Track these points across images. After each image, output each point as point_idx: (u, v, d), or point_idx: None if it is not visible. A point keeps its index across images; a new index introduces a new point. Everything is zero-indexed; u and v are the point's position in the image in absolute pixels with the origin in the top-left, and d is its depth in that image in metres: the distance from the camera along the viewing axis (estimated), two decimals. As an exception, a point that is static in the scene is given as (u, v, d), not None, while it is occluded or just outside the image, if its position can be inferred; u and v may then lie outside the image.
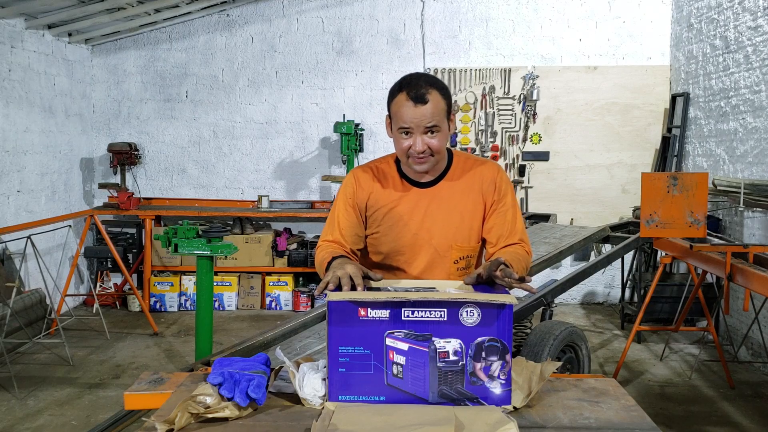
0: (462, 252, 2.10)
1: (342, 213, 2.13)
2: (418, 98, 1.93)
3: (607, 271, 6.54)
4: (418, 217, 2.08)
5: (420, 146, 1.96)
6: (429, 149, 1.97)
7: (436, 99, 1.94)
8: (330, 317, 1.62)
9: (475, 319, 1.59)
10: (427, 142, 1.96)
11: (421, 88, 1.94)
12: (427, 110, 1.93)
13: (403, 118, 1.95)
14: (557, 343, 3.58)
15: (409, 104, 1.94)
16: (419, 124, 1.94)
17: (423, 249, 2.08)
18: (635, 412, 1.65)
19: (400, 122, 1.97)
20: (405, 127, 1.96)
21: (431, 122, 1.94)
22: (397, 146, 2.02)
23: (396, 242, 2.10)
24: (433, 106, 1.93)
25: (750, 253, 3.78)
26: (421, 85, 1.95)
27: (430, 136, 1.96)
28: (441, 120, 1.96)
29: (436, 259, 2.09)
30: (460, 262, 2.10)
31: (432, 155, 1.99)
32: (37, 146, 5.79)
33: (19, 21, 5.46)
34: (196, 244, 4.05)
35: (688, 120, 6.23)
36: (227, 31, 6.75)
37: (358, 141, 6.39)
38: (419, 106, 1.93)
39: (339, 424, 1.49)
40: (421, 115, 1.93)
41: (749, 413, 4.06)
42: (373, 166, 2.17)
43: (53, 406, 4.10)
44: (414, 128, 1.95)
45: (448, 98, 2.00)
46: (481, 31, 6.67)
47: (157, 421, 1.51)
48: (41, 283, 5.30)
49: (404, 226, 2.08)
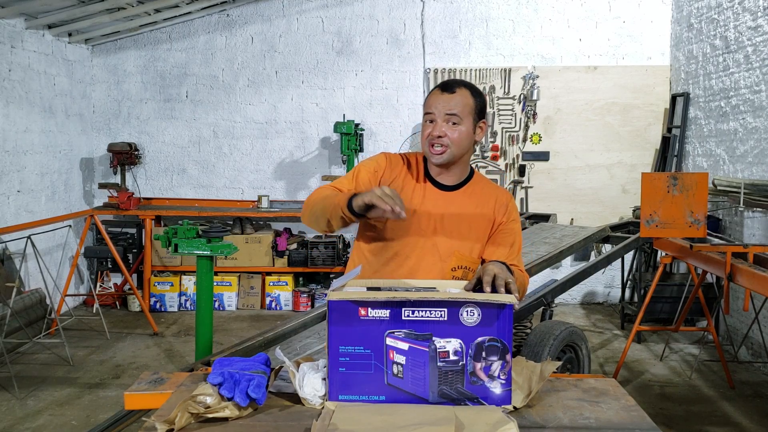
0: (461, 261, 2.10)
1: (365, 177, 2.10)
2: (446, 87, 2.05)
3: (607, 271, 6.54)
4: (429, 214, 2.09)
5: (438, 131, 2.02)
6: (447, 137, 2.02)
7: (464, 93, 2.04)
8: (330, 317, 1.62)
9: (475, 319, 1.59)
10: (446, 130, 2.02)
11: (454, 83, 2.06)
12: (451, 98, 2.02)
13: (429, 103, 2.06)
14: (557, 343, 3.58)
15: (437, 92, 2.06)
16: (441, 109, 2.02)
17: (425, 247, 2.08)
18: (635, 412, 1.65)
19: (426, 108, 2.07)
20: (429, 113, 2.05)
21: (452, 110, 2.01)
22: (422, 136, 2.09)
23: (401, 233, 2.09)
24: (458, 97, 2.02)
25: (750, 253, 3.78)
26: (455, 81, 2.08)
27: (450, 126, 2.02)
28: (464, 113, 2.02)
29: (436, 260, 2.08)
30: (458, 271, 2.10)
31: (448, 146, 2.02)
32: (37, 146, 5.79)
33: (19, 21, 5.46)
34: (196, 244, 4.04)
35: (688, 120, 6.23)
36: (227, 31, 6.75)
37: (358, 141, 6.39)
38: (445, 94, 2.03)
39: (339, 424, 1.49)
40: (445, 102, 2.02)
41: (749, 413, 4.06)
42: (404, 155, 2.22)
43: (53, 406, 4.10)
44: (436, 114, 2.03)
45: (479, 99, 2.07)
46: (481, 31, 6.67)
47: (157, 421, 1.51)
48: (41, 283, 5.30)
49: (416, 221, 2.08)
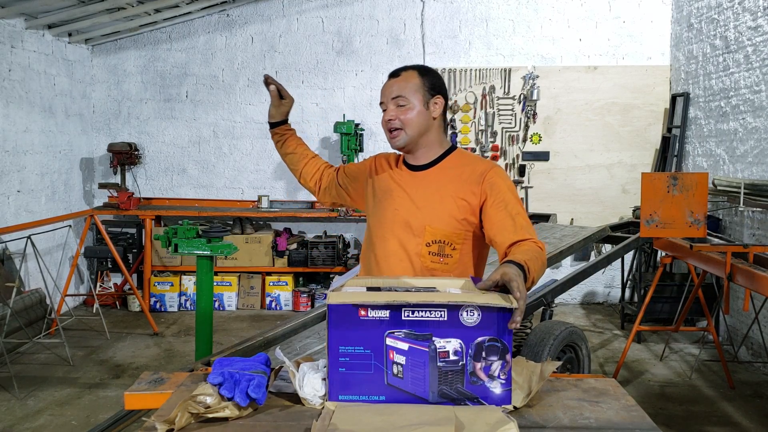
0: (435, 235, 2.06)
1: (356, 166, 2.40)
2: (393, 74, 2.12)
3: (607, 271, 6.54)
4: (402, 194, 2.16)
5: (388, 115, 2.10)
6: (398, 120, 2.08)
7: (409, 74, 2.10)
8: (330, 317, 1.62)
9: (475, 319, 1.59)
10: (395, 113, 2.08)
11: (402, 68, 2.13)
12: (395, 83, 2.09)
13: (381, 92, 2.14)
14: (557, 343, 3.58)
15: (387, 80, 2.14)
16: (388, 94, 2.10)
17: (398, 225, 2.13)
18: (635, 412, 1.65)
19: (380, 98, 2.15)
20: (381, 102, 2.13)
21: (397, 92, 2.08)
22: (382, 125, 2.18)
23: (379, 215, 2.20)
24: (403, 79, 2.09)
25: (750, 253, 3.78)
26: (403, 66, 2.15)
27: (399, 109, 2.08)
28: (410, 93, 2.08)
29: (410, 237, 2.10)
30: (432, 246, 2.07)
31: (402, 129, 2.09)
32: (37, 146, 5.79)
33: (19, 21, 5.46)
34: (196, 244, 4.05)
35: (688, 120, 6.23)
36: (227, 31, 6.75)
37: (358, 141, 6.40)
38: (391, 80, 2.12)
39: (339, 424, 1.49)
40: (390, 88, 2.10)
41: (749, 413, 4.06)
42: (392, 153, 2.34)
43: (53, 406, 4.10)
44: (385, 101, 2.11)
45: (427, 77, 2.12)
46: (481, 31, 6.67)
47: (157, 421, 1.51)
48: (41, 283, 5.31)
49: (390, 203, 2.18)
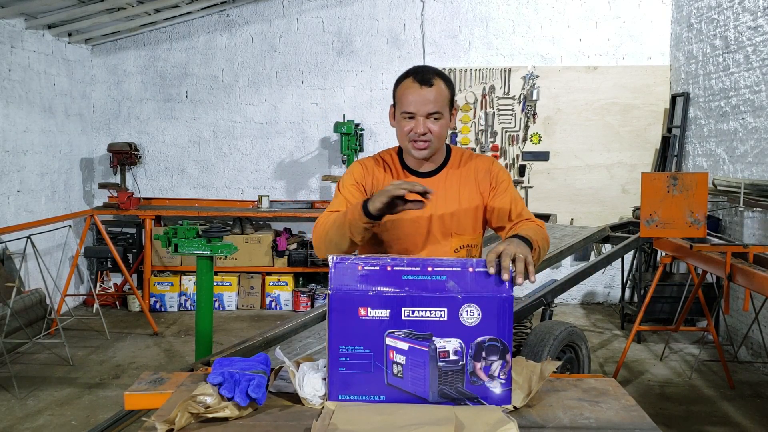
0: (462, 241, 2.11)
1: (350, 191, 2.13)
2: (424, 81, 2.00)
3: (607, 271, 6.54)
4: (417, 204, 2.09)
5: (422, 128, 2.00)
6: (430, 133, 2.02)
7: (441, 86, 2.02)
8: (330, 316, 1.62)
9: (475, 319, 1.59)
10: (429, 127, 2.01)
11: (428, 74, 2.02)
12: (431, 94, 1.99)
13: (408, 99, 2.01)
14: (557, 343, 3.57)
15: (414, 86, 2.00)
16: (422, 107, 1.99)
17: (422, 236, 2.10)
18: (635, 412, 1.65)
19: (404, 106, 2.02)
20: (409, 112, 2.01)
21: (434, 107, 2.00)
22: (399, 131, 2.06)
23: (396, 230, 2.11)
24: (437, 91, 2.00)
25: (750, 253, 3.78)
26: (428, 71, 2.04)
27: (432, 122, 2.01)
28: (443, 107, 2.02)
29: (437, 246, 2.10)
30: (461, 252, 2.12)
31: (431, 141, 2.03)
32: (37, 146, 5.79)
33: (19, 21, 5.46)
34: (196, 244, 4.04)
35: (688, 120, 6.23)
36: (227, 31, 6.75)
37: (358, 141, 6.40)
38: (424, 88, 1.99)
39: (339, 424, 1.49)
40: (425, 98, 1.99)
41: (749, 413, 4.06)
42: (377, 156, 2.22)
43: (53, 406, 4.10)
44: (417, 112, 2.00)
45: (452, 90, 2.07)
46: (481, 31, 6.67)
47: (157, 421, 1.51)
48: (41, 283, 5.30)
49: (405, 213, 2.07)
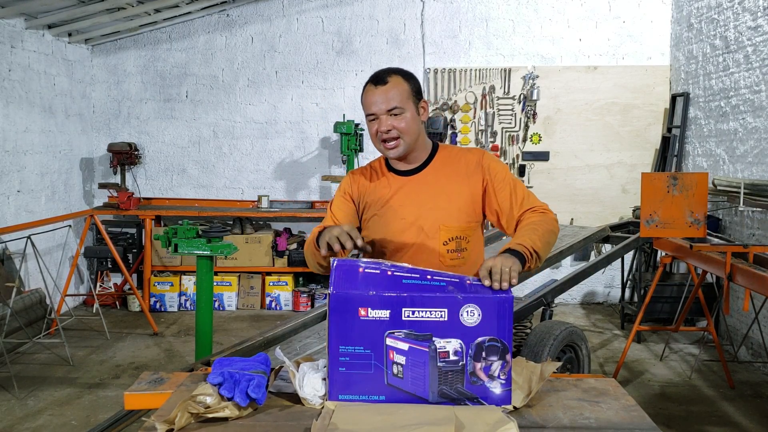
0: (450, 233, 2.11)
1: (338, 204, 2.22)
2: (378, 81, 2.04)
3: (607, 271, 6.54)
4: (405, 202, 2.13)
5: (384, 125, 2.04)
6: (395, 129, 2.04)
7: (397, 81, 2.05)
8: (330, 317, 1.62)
9: (475, 319, 1.59)
10: (392, 123, 2.04)
11: (383, 73, 2.07)
12: (387, 90, 2.03)
13: (368, 102, 2.06)
14: (557, 343, 3.57)
15: (371, 88, 2.06)
16: (381, 105, 2.03)
17: (411, 232, 2.12)
18: (635, 412, 1.65)
19: (366, 109, 2.07)
20: (371, 113, 2.06)
21: (392, 103, 2.03)
22: (371, 135, 2.11)
23: (385, 228, 2.14)
24: (392, 86, 2.03)
25: (750, 253, 3.78)
26: (383, 71, 2.08)
27: (394, 117, 2.04)
28: (404, 101, 2.04)
29: (425, 241, 2.11)
30: (450, 244, 2.12)
31: (400, 137, 2.06)
32: (37, 146, 5.79)
33: (19, 21, 5.46)
34: (196, 244, 4.05)
35: (688, 120, 6.23)
36: (227, 31, 6.75)
37: (358, 141, 6.39)
38: (379, 87, 2.04)
39: (339, 424, 1.49)
40: (382, 96, 2.03)
41: (749, 413, 4.06)
42: (367, 165, 2.28)
43: (53, 406, 4.10)
44: (377, 111, 2.04)
45: (413, 83, 2.09)
46: (481, 31, 6.67)
47: (157, 421, 1.51)
48: (41, 283, 5.30)
49: (393, 213, 2.14)
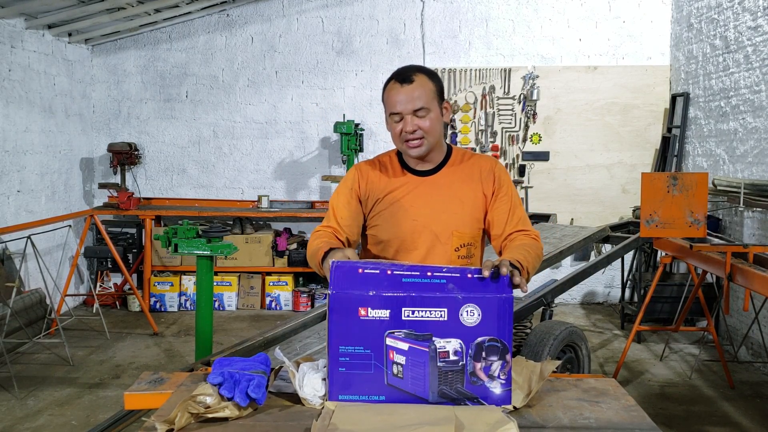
0: (462, 239, 2.10)
1: (343, 202, 2.16)
2: (405, 79, 2.01)
3: (607, 271, 6.54)
4: (417, 203, 2.09)
5: (410, 126, 2.01)
6: (420, 130, 2.01)
7: (423, 80, 2.02)
8: (330, 317, 1.62)
9: (475, 319, 1.59)
10: (417, 123, 2.01)
11: (408, 71, 2.04)
12: (413, 90, 2.00)
13: (392, 101, 2.02)
14: (557, 343, 3.57)
15: (396, 86, 2.02)
16: (407, 105, 2.00)
17: (423, 235, 2.09)
18: (635, 412, 1.65)
19: (390, 108, 2.04)
20: (395, 112, 2.02)
21: (419, 103, 2.00)
22: (392, 134, 2.08)
23: (396, 228, 2.10)
24: (419, 86, 2.00)
25: (750, 253, 3.77)
26: (408, 69, 2.06)
27: (420, 118, 2.01)
28: (429, 101, 2.02)
29: (437, 245, 2.09)
30: (461, 250, 2.11)
31: (424, 137, 2.03)
32: (37, 146, 5.79)
33: (19, 21, 5.46)
34: (196, 244, 4.05)
35: (688, 120, 6.23)
36: (227, 31, 6.75)
37: (358, 141, 6.39)
38: (405, 86, 2.00)
39: (339, 424, 1.49)
40: (408, 96, 2.00)
41: (749, 413, 4.06)
42: (375, 159, 2.23)
43: (53, 406, 4.10)
44: (403, 110, 2.01)
45: (437, 82, 2.07)
46: (481, 31, 6.67)
47: (157, 421, 1.51)
48: (41, 283, 5.30)
49: (404, 213, 2.10)
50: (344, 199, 2.15)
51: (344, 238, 2.11)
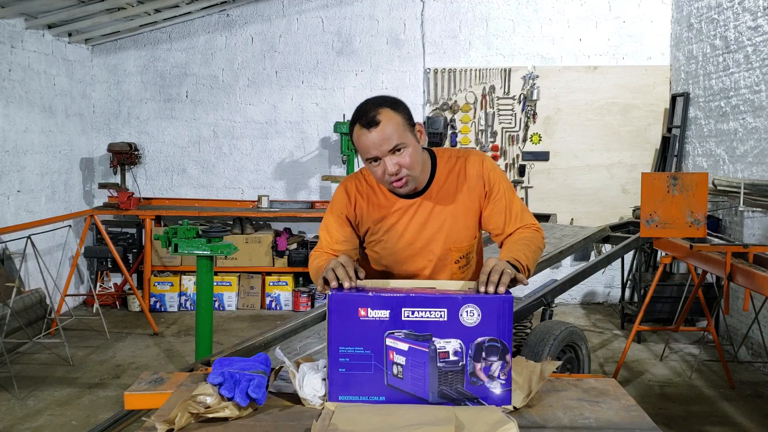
0: (461, 252, 2.12)
1: (335, 227, 2.10)
2: (370, 123, 1.88)
3: (607, 271, 6.54)
4: (412, 227, 2.07)
5: (391, 168, 1.90)
6: (402, 168, 1.92)
7: (389, 115, 1.89)
8: (330, 317, 1.62)
9: (475, 320, 1.59)
10: (397, 162, 1.91)
11: (370, 111, 1.89)
12: (382, 130, 1.87)
13: (364, 147, 1.90)
14: (557, 343, 3.57)
15: (363, 132, 1.89)
16: (381, 147, 1.88)
17: (422, 257, 2.10)
18: (635, 412, 1.65)
19: (365, 154, 1.92)
20: (370, 157, 1.91)
21: (393, 142, 1.88)
22: (375, 177, 1.98)
23: (395, 255, 2.10)
24: (386, 123, 1.88)
25: (750, 253, 3.77)
26: (369, 108, 1.90)
27: (399, 155, 1.91)
28: (402, 135, 1.90)
29: (438, 264, 2.10)
30: (461, 261, 2.14)
31: (408, 174, 1.94)
32: (37, 146, 5.79)
33: (19, 21, 5.46)
34: (196, 244, 4.05)
35: (688, 120, 6.23)
36: (227, 31, 6.75)
37: (358, 141, 6.39)
38: (373, 130, 1.87)
39: (339, 424, 1.49)
40: (380, 138, 1.87)
41: (749, 413, 4.06)
42: (361, 177, 2.13)
43: (53, 406, 4.10)
44: (379, 154, 1.90)
45: (403, 111, 1.94)
46: (481, 31, 6.67)
47: (157, 421, 1.51)
48: (41, 283, 5.30)
49: (399, 239, 2.08)
50: (335, 224, 2.10)
51: None
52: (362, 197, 2.10)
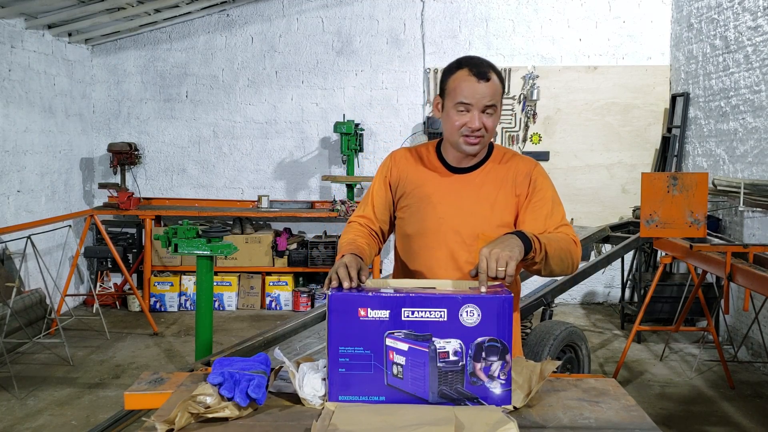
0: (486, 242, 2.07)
1: (377, 189, 2.16)
2: (482, 75, 1.94)
3: (607, 271, 6.54)
4: (446, 200, 2.06)
5: (477, 123, 1.95)
6: (484, 129, 1.97)
7: (496, 80, 1.97)
8: (330, 317, 1.62)
9: (475, 320, 1.59)
10: (484, 121, 1.96)
11: (484, 66, 1.97)
12: (488, 88, 1.94)
13: (465, 92, 1.95)
14: (557, 343, 3.58)
15: (472, 80, 1.94)
16: (480, 100, 1.94)
17: (447, 234, 2.05)
18: (635, 412, 1.65)
19: (459, 97, 1.95)
20: (465, 103, 1.95)
21: (491, 101, 1.95)
22: (449, 124, 2.00)
23: (421, 223, 2.08)
24: (493, 86, 1.95)
25: (750, 253, 3.78)
26: (483, 62, 1.98)
27: (487, 116, 1.97)
28: (498, 101, 1.98)
29: (462, 246, 2.04)
30: None
31: (484, 137, 1.99)
32: (37, 146, 5.79)
33: (19, 21, 5.46)
34: (196, 244, 4.05)
35: (688, 120, 6.23)
36: (227, 31, 6.76)
37: (358, 141, 6.40)
38: (482, 83, 1.94)
39: (339, 424, 1.49)
40: (483, 92, 1.94)
41: (749, 413, 4.06)
42: (412, 148, 2.19)
43: (53, 406, 4.10)
44: (474, 104, 1.95)
45: (503, 83, 2.03)
46: (481, 31, 6.67)
47: (157, 421, 1.51)
48: (41, 283, 5.30)
49: (432, 209, 2.06)
50: (377, 187, 2.17)
51: (377, 228, 2.14)
52: (407, 161, 2.15)
